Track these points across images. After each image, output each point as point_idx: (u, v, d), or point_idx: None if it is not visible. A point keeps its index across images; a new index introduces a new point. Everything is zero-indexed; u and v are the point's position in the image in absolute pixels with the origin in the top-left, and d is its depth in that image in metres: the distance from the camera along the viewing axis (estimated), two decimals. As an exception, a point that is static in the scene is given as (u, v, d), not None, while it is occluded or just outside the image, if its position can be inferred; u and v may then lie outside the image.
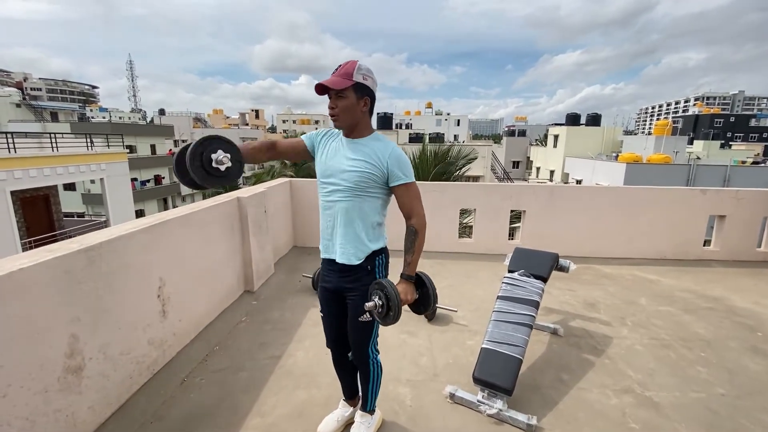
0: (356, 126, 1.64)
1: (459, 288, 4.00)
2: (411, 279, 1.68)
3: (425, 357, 2.75)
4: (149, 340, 2.36)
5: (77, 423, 1.84)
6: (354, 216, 1.66)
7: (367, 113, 1.65)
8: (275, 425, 2.09)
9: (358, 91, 1.57)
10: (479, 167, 22.09)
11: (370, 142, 1.65)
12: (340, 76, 1.55)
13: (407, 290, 1.66)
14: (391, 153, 1.62)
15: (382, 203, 1.72)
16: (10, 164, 10.66)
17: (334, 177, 1.66)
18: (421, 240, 1.68)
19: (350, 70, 1.56)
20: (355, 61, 1.60)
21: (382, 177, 1.63)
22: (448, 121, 52.67)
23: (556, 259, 2.99)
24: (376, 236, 1.73)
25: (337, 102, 1.57)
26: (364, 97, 1.60)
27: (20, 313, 1.58)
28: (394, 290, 1.55)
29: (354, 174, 1.61)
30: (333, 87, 1.54)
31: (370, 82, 1.61)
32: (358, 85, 1.56)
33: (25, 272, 1.59)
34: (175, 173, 1.53)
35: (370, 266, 1.72)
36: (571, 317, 3.37)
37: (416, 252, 1.67)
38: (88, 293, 1.90)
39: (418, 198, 1.68)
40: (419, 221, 1.68)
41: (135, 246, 2.23)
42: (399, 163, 1.62)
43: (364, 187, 1.63)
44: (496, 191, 4.95)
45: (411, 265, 1.67)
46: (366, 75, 1.59)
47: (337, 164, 1.65)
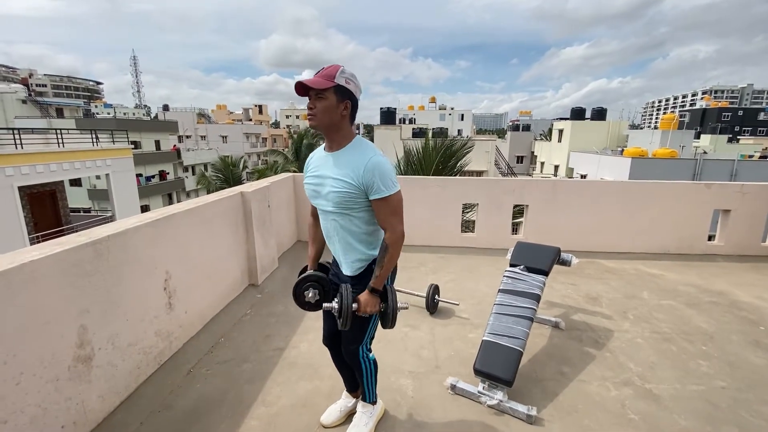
0: (335, 131, 1.59)
1: (461, 282, 4.02)
2: (375, 292, 1.64)
3: (427, 350, 2.78)
4: (156, 331, 2.41)
5: (87, 411, 1.89)
6: (348, 231, 1.66)
7: (347, 118, 1.59)
8: (279, 415, 2.13)
9: (338, 94, 1.53)
10: (483, 162, 22.02)
11: (349, 153, 1.59)
12: (321, 77, 1.52)
13: (368, 302, 1.63)
14: (366, 165, 1.53)
15: (371, 214, 1.65)
16: (17, 160, 10.78)
17: (320, 198, 1.66)
18: (392, 254, 1.62)
19: (333, 73, 1.52)
20: (339, 65, 1.55)
21: (362, 191, 1.56)
22: (452, 115, 52.44)
23: (557, 253, 3.00)
24: (375, 242, 1.71)
25: (316, 102, 1.52)
26: (345, 101, 1.55)
27: (31, 304, 1.62)
28: (347, 300, 1.59)
29: (334, 194, 1.59)
30: (313, 86, 1.50)
31: (353, 86, 1.56)
32: (339, 87, 1.52)
33: (36, 264, 1.64)
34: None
35: (367, 272, 1.72)
36: (572, 311, 3.38)
37: (385, 266, 1.62)
38: (96, 285, 1.95)
39: (395, 212, 1.61)
40: (393, 236, 1.61)
41: (141, 239, 2.27)
42: (375, 174, 1.53)
43: (348, 206, 1.60)
44: (498, 186, 4.95)
45: (377, 279, 1.63)
46: (349, 79, 1.55)
47: (322, 186, 1.64)
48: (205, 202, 2.99)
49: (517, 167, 35.55)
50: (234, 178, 23.57)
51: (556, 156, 29.18)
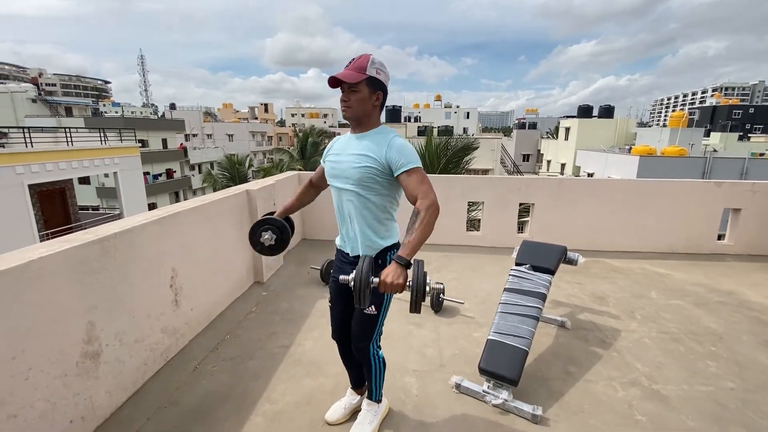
0: (365, 120, 1.64)
1: (466, 281, 4.01)
2: (402, 262, 1.41)
3: (431, 348, 2.78)
4: (162, 328, 2.43)
5: (95, 406, 1.92)
6: (363, 215, 1.67)
7: (378, 108, 1.65)
8: (284, 412, 2.14)
9: (370, 85, 1.57)
10: (488, 160, 21.91)
11: (372, 135, 1.65)
12: (353, 70, 1.55)
13: (394, 274, 1.39)
14: (390, 142, 1.58)
15: (390, 199, 1.70)
16: (27, 158, 10.92)
17: (338, 177, 1.68)
18: (425, 221, 1.45)
19: (364, 64, 1.55)
20: (369, 54, 1.59)
21: (384, 169, 1.59)
22: (458, 113, 52.25)
23: (563, 252, 2.97)
24: (386, 233, 1.73)
25: (350, 95, 1.58)
26: (377, 92, 1.60)
27: (39, 301, 1.64)
28: (364, 272, 1.38)
29: (355, 168, 1.61)
30: (346, 80, 1.54)
31: (383, 76, 1.61)
32: (371, 78, 1.57)
33: (44, 261, 1.65)
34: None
35: (381, 260, 1.73)
36: (579, 310, 3.36)
37: (417, 233, 1.43)
38: (103, 282, 1.97)
39: (424, 180, 1.54)
40: (425, 201, 1.48)
41: (147, 237, 2.29)
42: (399, 150, 1.56)
43: (369, 184, 1.62)
44: (504, 184, 4.92)
45: (407, 246, 1.42)
46: (379, 69, 1.59)
47: (341, 163, 1.67)
48: (210, 200, 3.01)
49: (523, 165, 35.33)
50: (240, 176, 23.69)
51: (562, 154, 28.95)
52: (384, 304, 1.79)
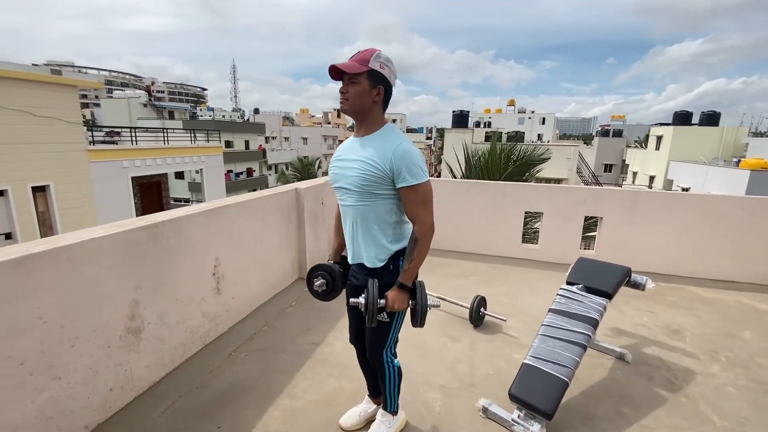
0: (366, 116, 1.55)
1: (516, 296, 3.71)
2: (404, 288, 1.56)
3: (464, 364, 2.60)
4: (203, 313, 2.59)
5: (134, 378, 2.09)
6: (370, 220, 1.60)
7: (379, 104, 1.55)
8: (302, 409, 2.14)
9: (372, 79, 1.49)
10: (563, 169, 20.41)
11: (378, 139, 1.54)
12: (356, 61, 1.48)
13: (396, 298, 1.55)
14: (395, 150, 1.47)
15: (396, 203, 1.59)
16: (132, 154, 12.64)
17: (342, 180, 1.61)
18: (421, 248, 1.54)
19: (367, 57, 1.48)
20: (375, 49, 1.52)
21: (387, 176, 1.50)
22: (532, 119, 49.57)
23: (626, 274, 2.60)
24: (396, 237, 1.64)
25: (348, 87, 1.50)
26: (378, 86, 1.51)
27: (90, 276, 1.83)
28: (373, 295, 1.52)
29: (357, 176, 1.53)
30: (346, 70, 1.47)
31: (387, 71, 1.52)
32: (372, 72, 1.48)
33: (96, 242, 1.84)
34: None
35: (392, 266, 1.64)
36: (645, 343, 2.91)
37: (415, 260, 1.54)
38: (149, 265, 2.14)
39: (424, 202, 1.53)
40: (422, 229, 1.53)
41: (194, 226, 2.45)
42: (405, 161, 1.47)
43: (372, 190, 1.53)
44: (567, 194, 4.49)
45: (406, 274, 1.55)
46: (383, 64, 1.50)
47: (344, 169, 1.60)
48: (259, 196, 3.16)
49: (604, 177, 32.31)
50: (309, 176, 25.01)
51: (651, 165, 25.92)
52: (397, 313, 1.69)
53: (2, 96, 8.89)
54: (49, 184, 10.23)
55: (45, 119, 9.78)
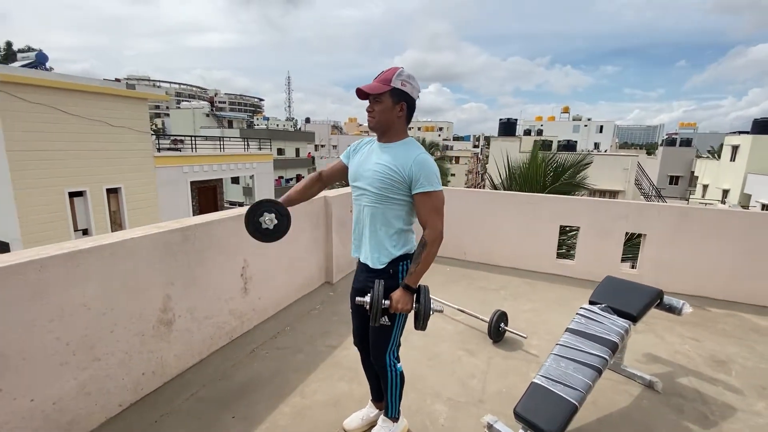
0: (389, 130, 1.68)
1: (544, 314, 3.58)
2: (409, 289, 1.64)
3: (476, 379, 2.56)
4: (230, 310, 2.79)
5: (164, 365, 2.31)
6: (379, 222, 1.69)
7: (403, 118, 1.67)
8: (310, 408, 2.24)
9: (394, 96, 1.61)
10: (618, 181, 19.12)
11: (398, 147, 1.67)
12: (379, 82, 1.61)
13: (401, 299, 1.62)
14: (415, 158, 1.61)
15: (407, 210, 1.70)
16: (192, 161, 13.78)
17: (361, 181, 1.72)
18: (429, 252, 1.62)
19: (389, 76, 1.61)
20: (398, 67, 1.64)
21: (405, 182, 1.62)
22: (588, 127, 46.98)
23: (655, 296, 2.43)
24: (400, 243, 1.72)
25: (374, 106, 1.64)
26: (401, 102, 1.63)
27: (129, 271, 2.07)
28: (379, 295, 1.60)
29: (377, 178, 1.65)
30: (370, 92, 1.60)
31: (409, 88, 1.64)
32: (395, 90, 1.60)
33: (135, 241, 2.08)
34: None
35: (392, 270, 1.72)
36: (682, 372, 2.68)
37: (422, 263, 1.62)
38: (181, 263, 2.37)
39: (436, 210, 1.63)
40: (432, 234, 1.62)
41: (224, 230, 2.67)
42: (423, 169, 1.60)
43: (388, 193, 1.65)
44: (606, 208, 4.25)
45: (413, 276, 1.63)
46: (405, 81, 1.62)
47: (365, 168, 1.71)
48: (287, 203, 3.35)
49: (669, 189, 29.75)
50: (353, 184, 25.56)
51: (725, 178, 23.46)
52: (399, 315, 1.75)
53: (84, 108, 10.13)
54: (120, 187, 11.43)
55: (119, 128, 10.99)
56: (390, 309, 1.63)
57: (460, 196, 4.99)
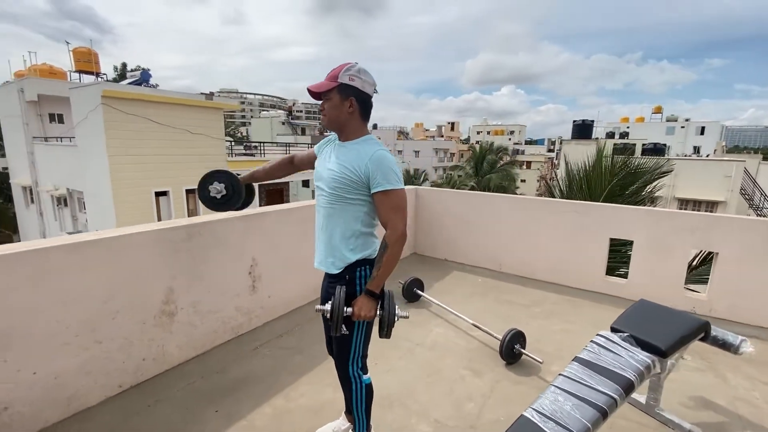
0: (344, 128, 1.61)
1: (578, 337, 3.15)
2: (373, 295, 1.55)
3: (474, 403, 2.33)
4: (236, 307, 2.89)
5: (165, 354, 2.46)
6: (334, 223, 1.62)
7: (355, 114, 1.58)
8: (290, 413, 2.21)
9: (342, 92, 1.54)
10: (719, 190, 16.47)
11: (355, 145, 1.59)
12: (326, 79, 1.56)
13: (364, 306, 1.54)
14: (371, 156, 1.52)
15: (366, 211, 1.60)
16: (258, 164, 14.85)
17: (320, 181, 1.66)
18: (391, 254, 1.52)
19: (336, 73, 1.54)
20: (348, 63, 1.57)
21: (361, 182, 1.53)
22: (686, 128, 41.40)
23: (698, 328, 1.99)
24: (358, 247, 1.62)
25: (324, 104, 1.59)
26: (349, 98, 1.55)
27: (131, 263, 2.24)
28: (339, 302, 1.52)
29: (332, 179, 1.58)
30: (315, 90, 1.57)
31: (359, 82, 1.55)
32: (342, 86, 1.53)
33: (139, 236, 2.25)
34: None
35: (348, 276, 1.63)
36: (738, 425, 2.16)
37: (384, 267, 1.53)
38: (185, 259, 2.51)
39: (397, 208, 1.54)
40: (393, 234, 1.52)
41: (230, 229, 2.78)
42: (379, 166, 1.51)
43: (343, 194, 1.57)
44: (669, 220, 3.63)
45: (375, 280, 1.54)
46: (353, 76, 1.54)
47: (323, 168, 1.65)
48: (302, 205, 3.40)
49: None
50: (414, 188, 25.54)
51: None
52: (357, 325, 1.64)
53: (169, 117, 11.49)
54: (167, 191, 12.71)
55: (197, 135, 12.26)
56: (353, 317, 1.55)
57: (496, 202, 4.66)
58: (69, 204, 14.00)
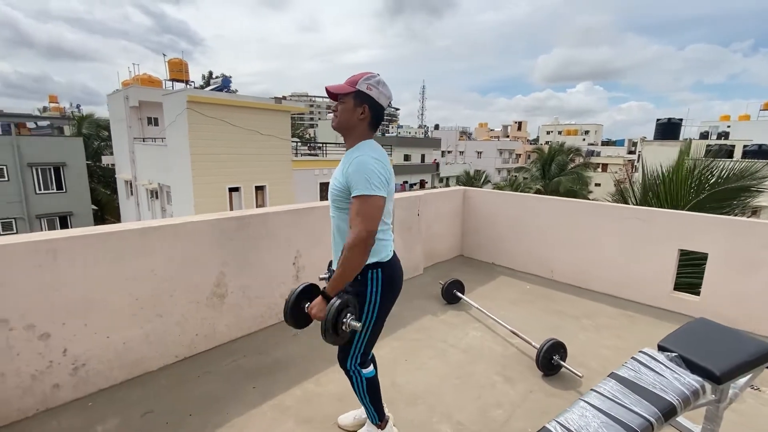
0: (350, 133, 1.66)
1: (628, 355, 2.87)
2: (326, 297, 1.55)
3: (502, 410, 2.26)
4: (281, 294, 3.10)
5: (215, 332, 2.73)
6: (338, 233, 1.70)
7: (365, 122, 1.63)
8: (319, 396, 2.33)
9: (357, 99, 1.60)
10: None
11: (350, 153, 1.63)
12: (346, 83, 1.63)
13: (316, 305, 1.58)
14: (352, 161, 1.54)
15: None
16: (321, 165, 15.62)
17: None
18: (347, 258, 1.49)
19: (356, 79, 1.61)
20: (368, 73, 1.63)
21: (346, 189, 1.56)
22: (807, 128, 35.05)
23: (763, 354, 1.72)
24: None
25: (338, 106, 1.65)
26: (363, 105, 1.61)
27: (190, 248, 2.52)
28: (290, 300, 1.64)
29: (331, 192, 1.67)
30: (333, 91, 1.63)
31: (375, 93, 1.61)
32: (359, 93, 1.60)
33: (194, 224, 2.53)
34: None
35: (360, 276, 1.66)
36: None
37: (338, 270, 1.53)
38: (235, 247, 2.76)
39: (362, 213, 1.48)
40: (350, 239, 1.49)
41: (279, 222, 2.99)
42: (356, 171, 1.51)
43: (337, 204, 1.64)
44: (751, 230, 3.16)
45: (330, 282, 1.56)
46: (371, 86, 1.61)
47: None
48: (345, 202, 3.53)
49: None
50: (473, 190, 24.88)
51: None
52: (365, 321, 1.70)
53: (242, 120, 12.53)
54: (265, 185, 13.71)
55: (267, 136, 13.21)
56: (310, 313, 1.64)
57: (551, 206, 4.40)
58: (159, 196, 15.93)
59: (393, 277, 1.72)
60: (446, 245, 4.92)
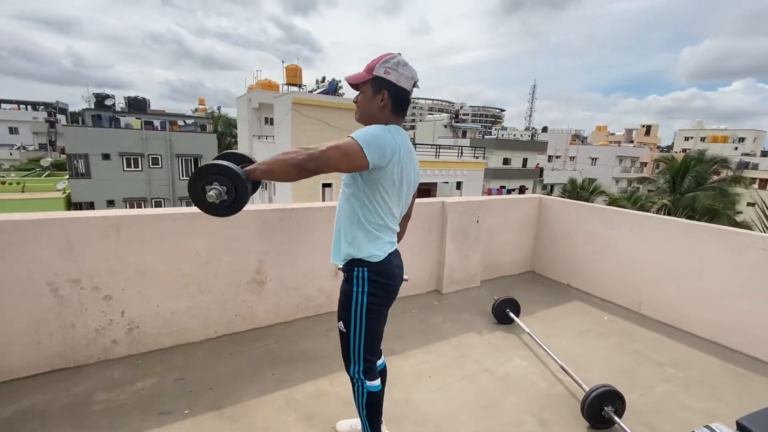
0: (372, 122, 1.55)
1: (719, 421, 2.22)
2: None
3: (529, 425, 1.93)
4: (319, 288, 3.17)
5: (254, 315, 2.91)
6: (341, 214, 1.63)
7: (386, 108, 1.54)
8: (328, 396, 2.31)
9: (375, 86, 1.51)
10: None
11: None
12: (364, 71, 1.54)
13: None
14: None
15: (367, 203, 1.53)
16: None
17: None
18: (286, 154, 1.41)
19: (373, 65, 1.52)
20: (387, 54, 1.53)
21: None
22: None
23: None
24: (357, 240, 1.57)
25: (359, 96, 1.58)
26: (382, 91, 1.51)
27: (234, 234, 2.73)
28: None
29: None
30: (348, 82, 1.57)
31: (394, 76, 1.49)
32: (376, 79, 1.50)
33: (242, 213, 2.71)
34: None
35: (347, 273, 1.59)
36: None
37: (269, 159, 1.44)
38: (277, 238, 2.89)
39: (333, 144, 1.39)
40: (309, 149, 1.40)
41: (319, 216, 3.04)
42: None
43: (348, 180, 1.57)
44: None
45: (258, 165, 1.47)
46: (389, 69, 1.49)
47: None
48: (394, 202, 3.44)
49: None
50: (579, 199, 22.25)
51: None
52: (354, 322, 1.60)
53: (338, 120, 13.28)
54: (331, 183, 14.35)
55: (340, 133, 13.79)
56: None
57: (647, 224, 3.65)
58: (267, 188, 17.91)
59: (382, 278, 1.59)
60: (514, 258, 4.45)
